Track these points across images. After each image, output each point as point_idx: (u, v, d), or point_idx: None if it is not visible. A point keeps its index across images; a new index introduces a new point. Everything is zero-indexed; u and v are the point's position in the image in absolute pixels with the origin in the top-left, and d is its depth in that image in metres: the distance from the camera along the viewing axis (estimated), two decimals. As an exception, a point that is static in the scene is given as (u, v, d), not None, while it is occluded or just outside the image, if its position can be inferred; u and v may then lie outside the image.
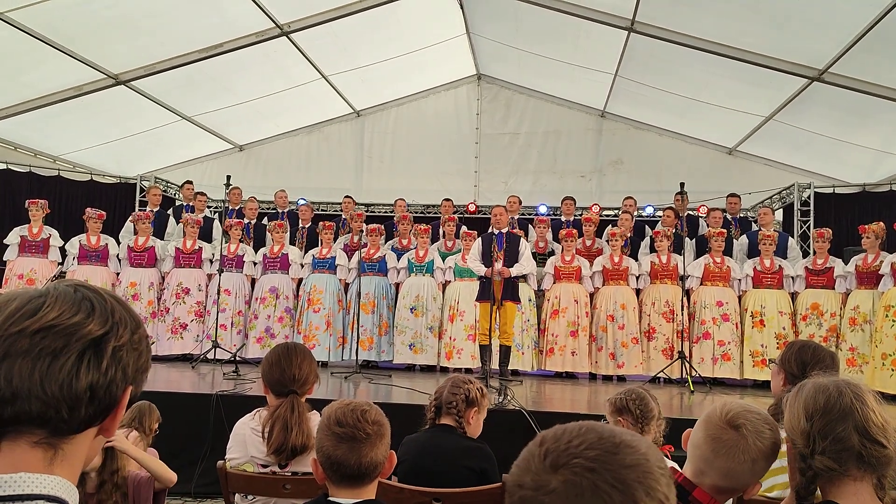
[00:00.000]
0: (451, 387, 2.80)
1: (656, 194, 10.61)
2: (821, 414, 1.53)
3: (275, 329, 8.32)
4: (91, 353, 0.89)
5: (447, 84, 12.03)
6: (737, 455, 1.66)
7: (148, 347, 1.00)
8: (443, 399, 2.77)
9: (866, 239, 7.35)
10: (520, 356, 7.91)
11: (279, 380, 2.59)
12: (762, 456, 1.68)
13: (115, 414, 0.94)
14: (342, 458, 1.82)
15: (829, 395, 1.55)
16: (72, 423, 0.89)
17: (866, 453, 1.49)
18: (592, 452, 0.82)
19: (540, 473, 0.82)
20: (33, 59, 8.09)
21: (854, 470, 1.50)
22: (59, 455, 0.90)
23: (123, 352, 0.93)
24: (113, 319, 0.93)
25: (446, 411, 2.75)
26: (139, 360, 0.96)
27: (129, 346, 0.94)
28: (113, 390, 0.91)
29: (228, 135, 11.82)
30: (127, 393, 0.94)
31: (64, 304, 0.91)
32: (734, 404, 1.76)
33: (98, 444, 0.97)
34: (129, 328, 0.95)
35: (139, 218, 8.71)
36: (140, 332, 0.97)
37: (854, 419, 1.50)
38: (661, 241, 8.14)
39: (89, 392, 0.89)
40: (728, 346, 7.69)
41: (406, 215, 9.16)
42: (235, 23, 8.54)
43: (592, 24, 8.53)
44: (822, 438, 1.52)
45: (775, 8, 7.12)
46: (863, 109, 8.30)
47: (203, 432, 4.82)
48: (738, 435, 1.68)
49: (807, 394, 1.58)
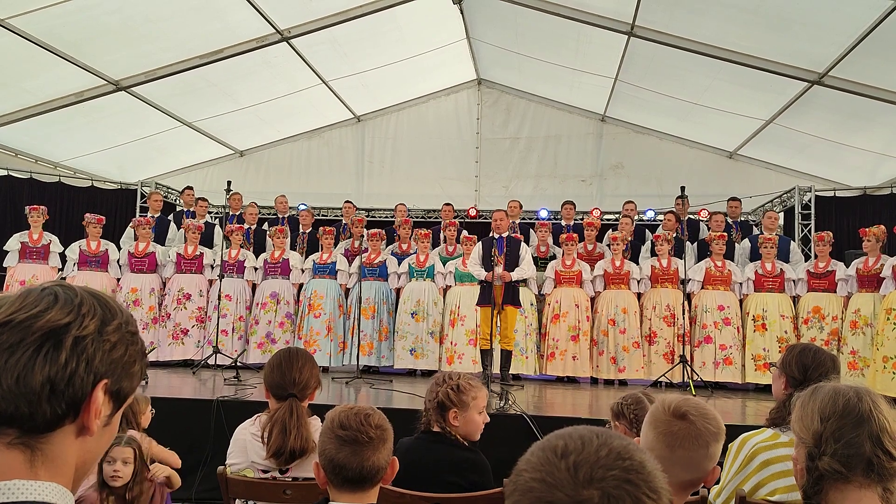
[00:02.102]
0: (427, 391, 2.69)
1: (657, 198, 10.61)
2: (838, 417, 1.53)
3: (276, 334, 8.31)
4: (50, 346, 0.86)
5: (448, 89, 12.04)
6: (692, 442, 1.72)
7: (133, 340, 0.95)
8: (425, 404, 2.68)
9: (867, 242, 7.34)
10: (523, 360, 7.90)
11: (280, 383, 2.59)
12: (714, 438, 1.75)
13: (88, 410, 0.89)
14: (344, 461, 1.82)
15: (848, 399, 1.55)
16: (37, 419, 0.86)
17: (877, 462, 1.48)
18: (625, 462, 0.80)
19: (575, 488, 0.77)
20: (34, 65, 8.10)
21: (861, 477, 1.49)
22: (40, 456, 0.87)
23: (87, 342, 0.88)
24: (79, 311, 0.89)
25: (431, 417, 2.65)
26: (113, 351, 0.91)
27: (95, 337, 0.89)
28: (76, 384, 0.87)
29: (229, 140, 11.83)
30: (99, 387, 0.89)
31: (26, 299, 0.89)
32: (671, 398, 1.82)
33: (93, 445, 0.93)
34: (97, 318, 0.91)
35: (139, 223, 8.71)
36: (116, 324, 0.92)
37: (870, 427, 1.50)
38: (662, 245, 8.13)
39: (48, 386, 0.85)
40: (729, 349, 7.67)
41: (406, 220, 9.16)
42: (236, 29, 8.56)
43: (592, 29, 8.54)
44: (835, 441, 1.51)
45: (775, 11, 7.12)
46: (863, 112, 8.31)
47: (204, 438, 4.81)
48: (688, 423, 1.74)
49: (824, 395, 1.58)
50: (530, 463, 0.83)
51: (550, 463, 0.81)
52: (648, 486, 0.79)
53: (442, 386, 2.63)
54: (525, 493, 0.80)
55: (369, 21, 8.96)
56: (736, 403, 6.63)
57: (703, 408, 1.78)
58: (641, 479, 0.79)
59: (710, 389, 7.17)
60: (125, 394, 0.95)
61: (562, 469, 0.79)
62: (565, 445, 0.82)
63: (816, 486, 1.54)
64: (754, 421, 5.00)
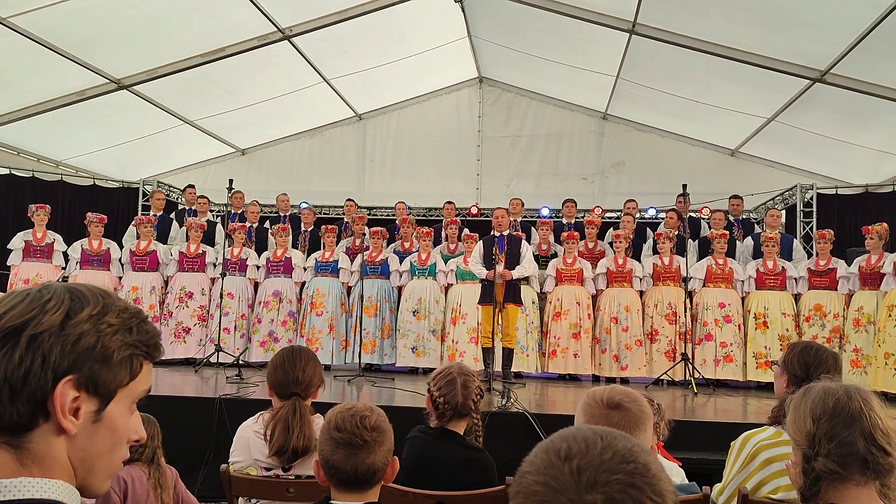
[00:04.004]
0: (443, 383, 2.61)
1: (658, 196, 10.60)
2: (828, 417, 1.53)
3: (278, 333, 8.32)
4: (8, 346, 0.86)
5: (449, 87, 12.03)
6: (633, 429, 1.73)
7: (110, 331, 0.91)
8: (458, 401, 2.59)
9: (870, 240, 7.34)
10: (524, 358, 7.91)
11: (283, 381, 2.60)
12: (648, 418, 1.80)
13: (60, 407, 0.86)
14: (339, 463, 1.83)
15: (838, 398, 1.55)
16: (5, 420, 0.86)
17: (871, 459, 1.49)
18: (629, 466, 0.79)
19: (578, 492, 0.77)
20: (36, 64, 8.11)
21: (858, 475, 1.50)
22: (27, 455, 0.87)
23: (44, 338, 0.86)
24: (42, 308, 0.88)
25: (459, 414, 2.60)
26: (78, 344, 0.88)
27: (55, 332, 0.87)
28: (33, 382, 0.85)
29: (230, 139, 11.83)
30: (62, 383, 0.86)
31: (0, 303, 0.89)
32: (599, 390, 1.86)
33: (88, 444, 0.91)
34: (61, 312, 0.88)
35: (142, 222, 8.72)
36: (84, 315, 0.89)
37: (861, 425, 1.51)
38: (664, 243, 8.13)
39: (7, 386, 0.85)
40: (730, 347, 7.67)
41: (406, 218, 9.16)
42: (237, 27, 8.56)
43: (594, 27, 8.53)
44: (828, 441, 1.52)
45: (777, 9, 7.11)
46: (865, 110, 8.29)
47: (206, 436, 4.82)
48: (623, 411, 1.77)
49: (815, 396, 1.58)
50: (534, 465, 0.82)
51: (554, 466, 0.80)
52: (653, 489, 0.78)
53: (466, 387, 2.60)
54: (528, 496, 0.80)
55: (371, 19, 8.96)
56: (737, 401, 6.63)
57: (631, 393, 1.83)
58: (646, 482, 0.78)
59: (712, 387, 7.17)
60: (107, 387, 0.91)
61: (565, 473, 0.79)
62: (569, 448, 0.81)
63: (814, 487, 1.54)
64: (756, 419, 5.00)
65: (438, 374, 2.66)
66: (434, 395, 2.61)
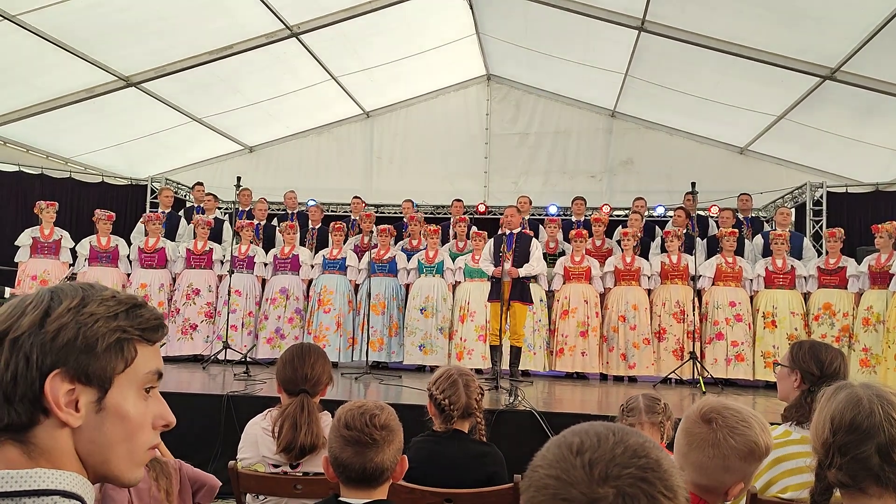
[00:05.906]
0: (464, 387, 2.62)
1: (667, 194, 10.56)
2: (846, 431, 1.49)
3: (285, 330, 8.33)
4: None
5: (457, 84, 12.01)
6: (706, 449, 1.68)
7: (89, 321, 0.91)
8: (462, 402, 2.60)
9: (880, 238, 7.30)
10: (532, 356, 7.90)
11: (291, 378, 2.60)
12: (734, 453, 1.67)
13: (55, 403, 0.88)
14: (348, 460, 1.83)
15: (858, 411, 1.50)
16: (5, 421, 0.88)
17: (883, 475, 1.44)
18: (641, 461, 0.79)
19: (590, 486, 0.77)
20: (45, 61, 8.13)
21: (873, 487, 1.46)
22: (35, 449, 0.89)
23: (23, 340, 0.89)
24: (22, 311, 0.91)
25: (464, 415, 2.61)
26: (57, 339, 0.89)
27: (33, 332, 0.89)
28: (22, 383, 0.88)
29: (238, 136, 11.85)
30: (50, 378, 0.88)
31: None
32: (714, 401, 1.78)
33: (96, 435, 0.92)
34: (39, 311, 0.90)
35: (150, 219, 8.75)
36: (61, 309, 0.91)
37: (878, 439, 1.46)
38: (672, 242, 8.10)
39: (0, 391, 0.88)
40: (742, 346, 7.64)
41: (413, 216, 9.15)
42: (245, 25, 8.57)
43: (602, 24, 8.49)
44: (841, 455, 1.48)
45: (787, 5, 7.07)
46: (876, 108, 8.24)
47: (214, 433, 4.83)
48: (709, 429, 1.70)
49: (837, 405, 1.54)
50: (546, 459, 0.82)
51: (566, 460, 0.80)
52: (664, 484, 0.78)
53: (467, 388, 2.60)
54: (540, 489, 0.80)
55: (378, 16, 8.95)
56: (746, 401, 6.60)
57: (734, 422, 1.70)
58: (657, 477, 0.78)
59: (721, 386, 7.14)
60: (100, 375, 0.91)
61: (577, 466, 0.79)
62: (581, 442, 0.81)
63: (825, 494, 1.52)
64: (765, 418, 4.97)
65: (439, 377, 2.67)
66: (438, 399, 2.61)
